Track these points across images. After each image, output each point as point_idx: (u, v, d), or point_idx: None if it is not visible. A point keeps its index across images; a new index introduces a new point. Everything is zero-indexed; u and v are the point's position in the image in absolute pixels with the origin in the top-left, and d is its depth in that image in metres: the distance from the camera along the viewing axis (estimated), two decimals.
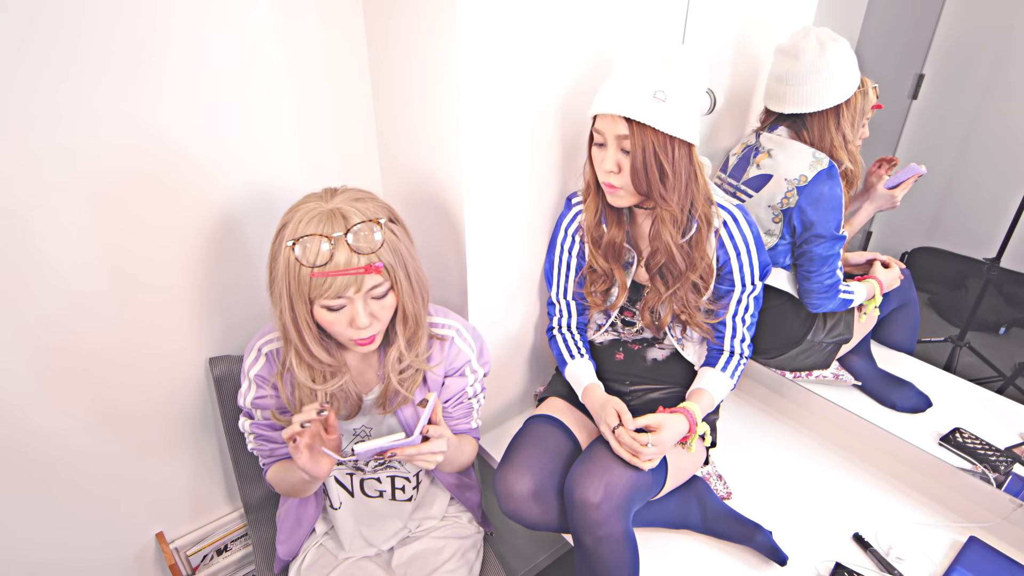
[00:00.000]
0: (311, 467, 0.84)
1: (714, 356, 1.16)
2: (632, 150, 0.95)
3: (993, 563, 1.05)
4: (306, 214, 0.80)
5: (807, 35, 1.17)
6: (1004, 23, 1.26)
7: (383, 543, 1.13)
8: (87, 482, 1.13)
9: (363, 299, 0.83)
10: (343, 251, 0.78)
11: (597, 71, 1.11)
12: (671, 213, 1.00)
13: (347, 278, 0.79)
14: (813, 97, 1.18)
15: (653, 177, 0.96)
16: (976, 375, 1.35)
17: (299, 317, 0.83)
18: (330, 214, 0.80)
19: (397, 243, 0.84)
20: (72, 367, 1.03)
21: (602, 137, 0.99)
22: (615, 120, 0.95)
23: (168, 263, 1.05)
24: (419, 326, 0.93)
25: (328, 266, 0.78)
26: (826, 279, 1.22)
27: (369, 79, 1.15)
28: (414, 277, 0.88)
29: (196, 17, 0.92)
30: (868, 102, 1.22)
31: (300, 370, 0.89)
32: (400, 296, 0.87)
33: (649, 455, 0.98)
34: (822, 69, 1.15)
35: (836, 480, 1.26)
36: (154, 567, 1.31)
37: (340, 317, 0.83)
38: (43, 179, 0.89)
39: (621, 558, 0.96)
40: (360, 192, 0.86)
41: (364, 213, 0.81)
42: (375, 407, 0.99)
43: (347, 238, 0.78)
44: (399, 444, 0.82)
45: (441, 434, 0.87)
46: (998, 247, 1.28)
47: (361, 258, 0.79)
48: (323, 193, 0.85)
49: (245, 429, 1.01)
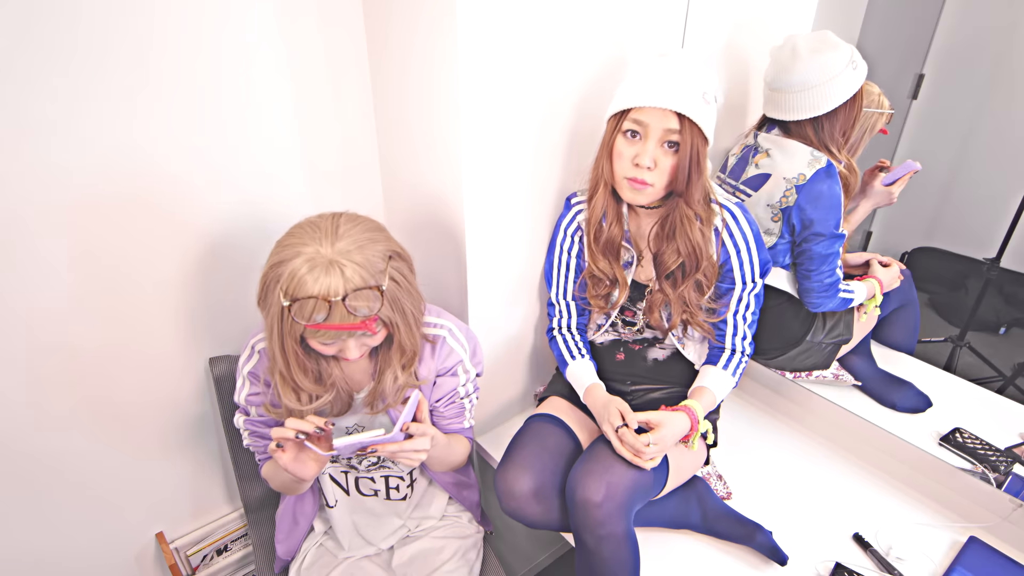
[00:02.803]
0: (294, 467, 0.84)
1: (715, 354, 1.16)
2: (682, 146, 0.96)
3: (993, 563, 1.05)
4: (303, 265, 0.75)
5: (786, 44, 1.17)
6: (1004, 23, 1.26)
7: (382, 542, 1.13)
8: (87, 482, 1.13)
9: (356, 340, 0.83)
10: (339, 311, 0.75)
11: (597, 72, 1.12)
12: (696, 212, 1.02)
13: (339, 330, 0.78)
14: (789, 106, 1.18)
15: (693, 175, 0.98)
16: (976, 375, 1.35)
17: (287, 350, 0.83)
18: (328, 267, 0.75)
19: (397, 291, 0.81)
20: (72, 367, 1.03)
21: (642, 129, 0.97)
22: (666, 114, 0.95)
23: (168, 263, 1.05)
24: (415, 353, 0.92)
25: (325, 322, 0.76)
26: (826, 278, 1.22)
27: (369, 80, 1.15)
28: (411, 317, 0.86)
29: (195, 16, 0.93)
30: (879, 121, 1.22)
31: (285, 392, 0.88)
32: (397, 335, 0.86)
33: (651, 454, 0.98)
34: (797, 81, 1.15)
35: (836, 480, 1.26)
36: (154, 567, 1.31)
37: (330, 348, 0.83)
38: (44, 183, 0.89)
39: (622, 558, 0.96)
40: (364, 233, 0.80)
41: (366, 268, 0.77)
42: (364, 406, 0.99)
43: (345, 303, 0.75)
44: (379, 440, 0.81)
45: (424, 432, 0.86)
46: (998, 247, 1.28)
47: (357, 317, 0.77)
48: (323, 232, 0.78)
49: (240, 426, 1.02)
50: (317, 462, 0.87)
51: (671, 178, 0.99)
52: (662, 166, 0.98)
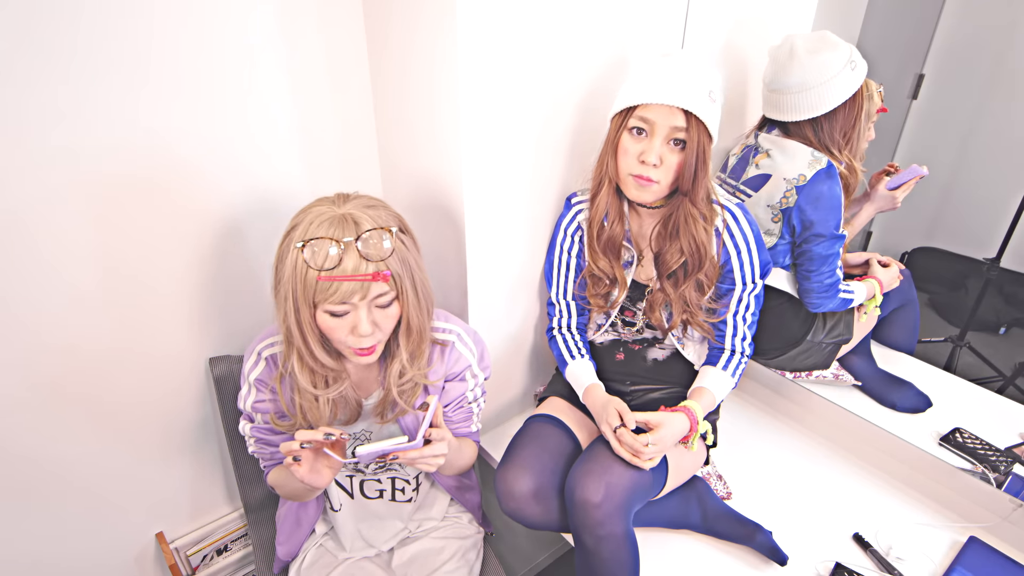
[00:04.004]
0: (311, 478, 0.84)
1: (715, 355, 1.16)
2: (689, 143, 0.96)
3: (993, 563, 1.05)
4: (317, 217, 0.80)
5: (783, 44, 1.17)
6: (1004, 22, 1.26)
7: (383, 543, 1.13)
8: (87, 482, 1.13)
9: (367, 307, 0.82)
10: (352, 257, 0.78)
11: (597, 72, 1.12)
12: (700, 211, 1.02)
13: (353, 284, 0.78)
14: (787, 106, 1.18)
15: (699, 173, 0.98)
16: (976, 375, 1.35)
17: (303, 321, 0.83)
18: (341, 219, 0.79)
19: (406, 253, 0.84)
20: (72, 368, 1.03)
21: (649, 127, 0.98)
22: (672, 112, 0.95)
23: (168, 264, 1.05)
24: (423, 339, 0.92)
25: (336, 270, 0.78)
26: (825, 278, 1.22)
27: (369, 79, 1.15)
28: (420, 288, 0.87)
29: (196, 17, 0.92)
30: (873, 105, 1.21)
31: (302, 374, 0.89)
32: (405, 307, 0.86)
33: (650, 454, 0.98)
34: (795, 82, 1.15)
35: (836, 480, 1.26)
36: (154, 567, 1.31)
37: (342, 323, 0.83)
38: (43, 181, 0.89)
39: (622, 558, 0.96)
40: (372, 200, 0.86)
41: (375, 220, 0.81)
42: (373, 415, 0.99)
43: (357, 244, 0.78)
44: (401, 447, 0.82)
45: (443, 437, 0.86)
46: (998, 247, 1.28)
47: (369, 265, 0.79)
48: (335, 198, 0.84)
49: (245, 432, 1.01)
50: (332, 469, 0.86)
51: (676, 175, 0.99)
52: (668, 163, 0.98)
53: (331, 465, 0.86)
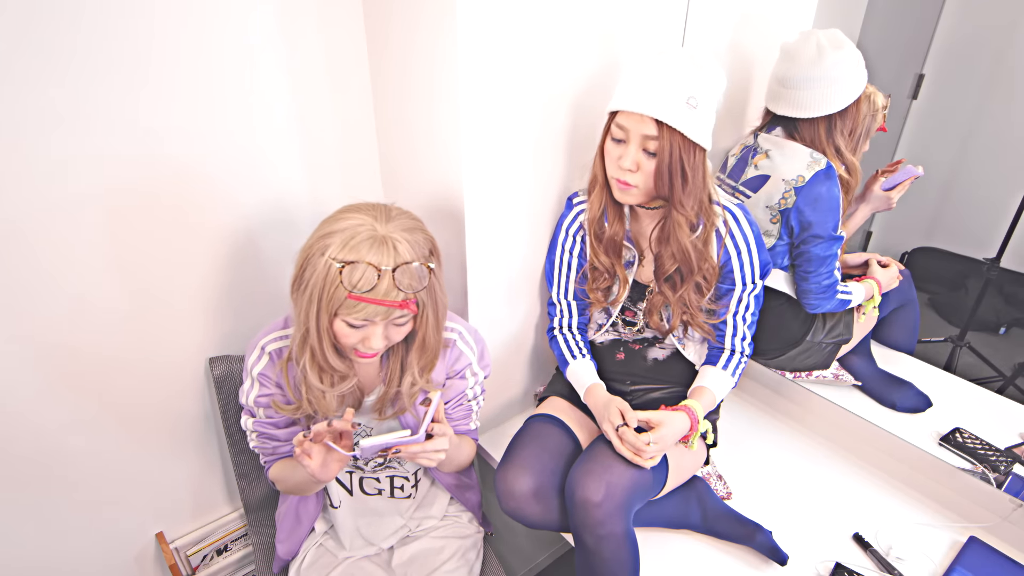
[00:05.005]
0: (321, 472, 0.84)
1: (715, 354, 1.16)
2: (660, 153, 0.95)
3: (993, 563, 1.05)
4: (357, 232, 0.79)
5: (808, 39, 1.16)
6: (1004, 23, 1.26)
7: (383, 541, 1.13)
8: (87, 482, 1.13)
9: (384, 325, 0.84)
10: (386, 283, 0.78)
11: (599, 72, 1.12)
12: (687, 218, 1.00)
13: (380, 307, 0.79)
14: (807, 103, 1.18)
15: (676, 181, 0.96)
16: (976, 375, 1.35)
17: (321, 325, 0.84)
18: (382, 241, 0.79)
19: (434, 280, 0.85)
20: (73, 368, 1.03)
21: (624, 134, 0.97)
22: (643, 120, 0.94)
23: (167, 264, 1.05)
24: (435, 356, 0.94)
25: (368, 293, 0.78)
26: (824, 279, 1.22)
27: (369, 79, 1.15)
28: (440, 310, 0.89)
29: (196, 17, 0.93)
30: (875, 122, 1.21)
31: (312, 371, 0.90)
32: (423, 328, 0.88)
33: (650, 454, 0.98)
34: (819, 76, 1.14)
35: (836, 480, 1.26)
36: (154, 567, 1.31)
37: (356, 334, 0.84)
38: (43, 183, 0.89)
39: (622, 557, 0.96)
40: (412, 221, 0.85)
41: (414, 249, 0.81)
42: (373, 410, 0.99)
43: (394, 273, 0.78)
44: (404, 441, 0.83)
45: (444, 432, 0.87)
46: (998, 247, 1.28)
47: (400, 293, 0.79)
48: (376, 212, 0.83)
49: (247, 427, 1.01)
50: (340, 463, 0.87)
51: (654, 182, 0.98)
52: (645, 169, 0.98)
53: (339, 459, 0.87)
